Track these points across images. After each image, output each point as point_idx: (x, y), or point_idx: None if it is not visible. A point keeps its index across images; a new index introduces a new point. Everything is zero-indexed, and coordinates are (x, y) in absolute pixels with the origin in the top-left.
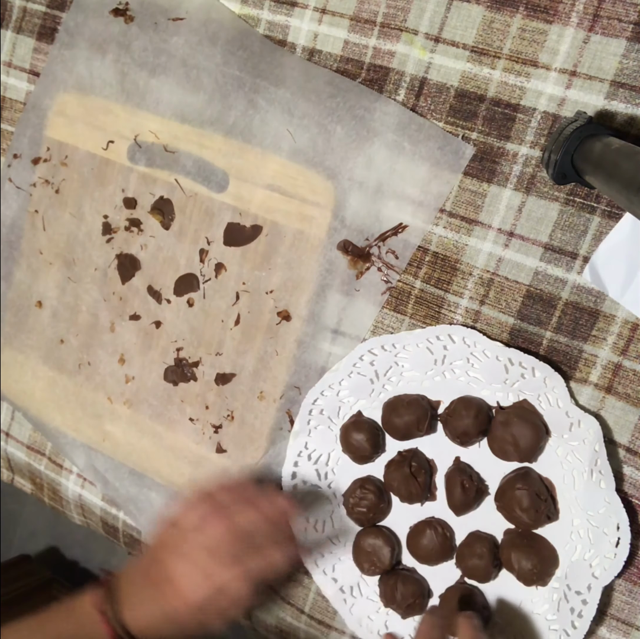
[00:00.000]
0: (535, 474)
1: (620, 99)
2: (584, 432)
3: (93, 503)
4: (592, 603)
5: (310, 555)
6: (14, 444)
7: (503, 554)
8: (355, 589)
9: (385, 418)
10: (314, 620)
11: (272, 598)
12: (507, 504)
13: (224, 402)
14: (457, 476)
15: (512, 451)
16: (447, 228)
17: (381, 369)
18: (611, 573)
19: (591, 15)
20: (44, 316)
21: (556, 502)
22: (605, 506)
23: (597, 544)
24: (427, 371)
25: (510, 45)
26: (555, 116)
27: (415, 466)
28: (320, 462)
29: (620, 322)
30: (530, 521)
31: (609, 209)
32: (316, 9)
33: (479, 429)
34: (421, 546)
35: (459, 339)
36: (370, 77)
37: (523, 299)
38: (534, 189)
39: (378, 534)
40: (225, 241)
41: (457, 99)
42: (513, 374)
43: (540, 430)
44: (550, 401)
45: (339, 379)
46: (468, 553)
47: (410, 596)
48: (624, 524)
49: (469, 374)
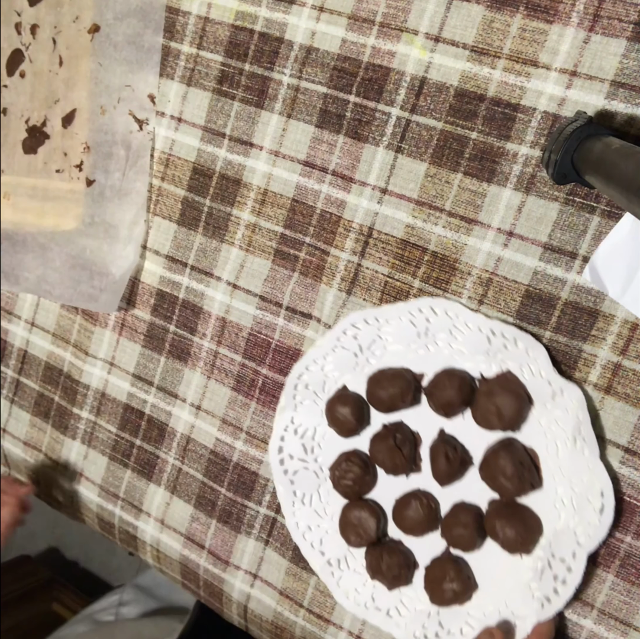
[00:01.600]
0: (519, 444)
1: (620, 99)
2: (567, 401)
3: (89, 499)
4: (576, 570)
5: (297, 529)
6: (10, 439)
7: (487, 523)
8: (343, 563)
9: (370, 391)
10: (312, 614)
11: (270, 593)
12: (491, 473)
13: (76, 140)
14: (441, 447)
15: (496, 420)
16: (447, 227)
17: (365, 343)
18: (595, 540)
19: (591, 15)
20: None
21: (540, 471)
22: (588, 473)
23: (581, 511)
24: (410, 344)
25: (510, 45)
26: (555, 116)
27: (399, 437)
28: (307, 436)
29: (620, 322)
30: (514, 489)
31: (609, 209)
32: (314, 7)
33: (462, 400)
34: (406, 518)
35: (441, 312)
36: (369, 77)
37: (522, 298)
38: (533, 188)
39: (364, 506)
40: (30, 3)
41: (457, 98)
42: (495, 345)
43: (523, 400)
44: (533, 371)
45: (323, 354)
46: (453, 523)
47: (396, 567)
48: (608, 490)
49: (452, 346)
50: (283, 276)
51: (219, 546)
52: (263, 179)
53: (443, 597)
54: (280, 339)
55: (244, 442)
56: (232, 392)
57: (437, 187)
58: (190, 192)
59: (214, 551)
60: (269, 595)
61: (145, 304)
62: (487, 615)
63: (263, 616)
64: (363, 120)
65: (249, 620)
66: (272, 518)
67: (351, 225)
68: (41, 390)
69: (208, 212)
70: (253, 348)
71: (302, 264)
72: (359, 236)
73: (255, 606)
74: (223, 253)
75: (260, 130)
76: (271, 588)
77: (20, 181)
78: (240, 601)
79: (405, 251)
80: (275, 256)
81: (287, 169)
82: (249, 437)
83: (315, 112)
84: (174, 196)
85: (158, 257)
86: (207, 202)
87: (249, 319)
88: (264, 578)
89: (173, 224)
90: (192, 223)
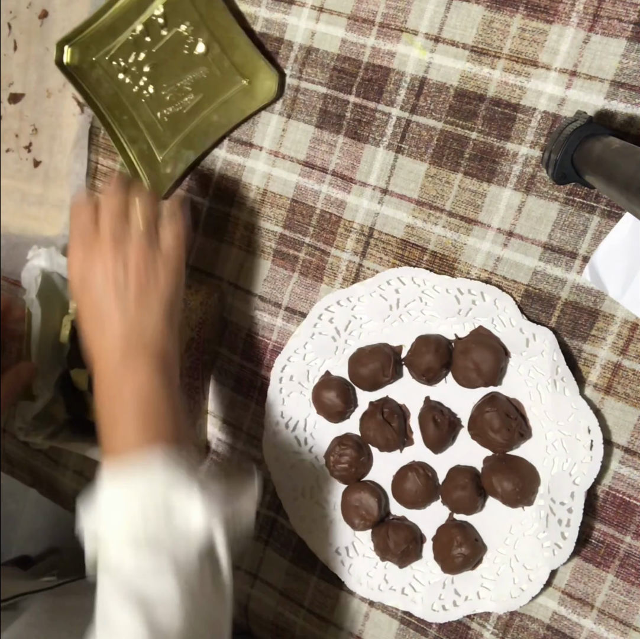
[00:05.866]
0: (502, 396)
1: (620, 99)
2: (540, 344)
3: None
4: (577, 509)
5: (302, 524)
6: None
7: (485, 482)
8: (351, 549)
9: (352, 371)
10: (313, 614)
11: (270, 593)
12: (479, 429)
13: (26, 122)
14: (428, 414)
15: (476, 376)
16: (446, 227)
17: (341, 325)
18: (591, 476)
19: (591, 15)
20: None
21: (527, 420)
22: (573, 412)
23: (573, 452)
24: (384, 319)
25: (510, 45)
26: (555, 116)
27: (387, 411)
28: (298, 428)
29: (620, 322)
30: (505, 441)
31: (609, 208)
32: (313, 7)
33: (441, 363)
34: (406, 491)
35: (408, 280)
36: (368, 77)
37: (522, 298)
38: (533, 188)
39: (363, 487)
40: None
41: (457, 98)
42: (464, 303)
43: (499, 351)
44: (504, 321)
45: (302, 342)
46: (451, 487)
47: (403, 541)
48: (594, 425)
49: (424, 313)
50: (283, 276)
51: None
52: (263, 179)
53: (454, 564)
54: (277, 339)
55: (244, 443)
56: (232, 392)
57: (437, 187)
58: (189, 193)
59: None
60: (269, 595)
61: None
62: (501, 574)
63: (263, 616)
64: (363, 120)
65: (250, 620)
66: (272, 518)
67: (352, 225)
68: None
69: (207, 212)
70: (250, 349)
71: (302, 265)
72: (360, 236)
73: (255, 606)
74: (222, 253)
75: (260, 131)
76: (271, 588)
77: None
78: (241, 601)
79: (405, 251)
80: (275, 256)
81: (286, 169)
82: (249, 437)
83: (315, 113)
84: (174, 196)
85: None
86: (206, 202)
87: (248, 320)
88: (264, 578)
89: None
90: (191, 224)
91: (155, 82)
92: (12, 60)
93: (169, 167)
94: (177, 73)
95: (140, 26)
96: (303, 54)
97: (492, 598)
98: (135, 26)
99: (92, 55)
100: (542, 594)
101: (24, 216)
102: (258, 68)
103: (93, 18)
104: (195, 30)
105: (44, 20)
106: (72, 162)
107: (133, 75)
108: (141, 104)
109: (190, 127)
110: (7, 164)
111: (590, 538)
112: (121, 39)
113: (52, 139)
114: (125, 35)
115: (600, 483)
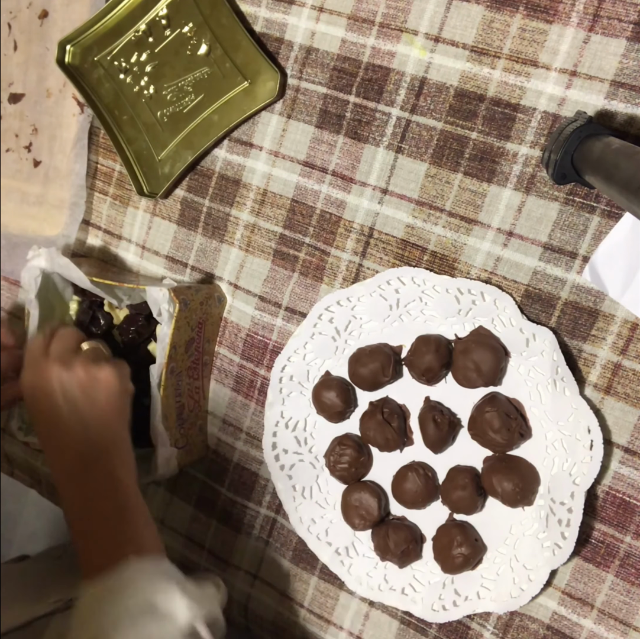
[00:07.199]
0: (502, 396)
1: (620, 99)
2: (540, 344)
3: None
4: (577, 509)
5: (302, 524)
6: (9, 439)
7: (485, 481)
8: (351, 549)
9: (351, 370)
10: (313, 614)
11: (270, 593)
12: (479, 429)
13: (26, 122)
14: (428, 414)
15: (476, 376)
16: (446, 227)
17: (341, 325)
18: (591, 476)
19: (591, 15)
20: None
21: (527, 420)
22: (573, 412)
23: (573, 452)
24: (384, 319)
25: (510, 45)
26: (555, 116)
27: (387, 411)
28: (298, 428)
29: (620, 322)
30: (504, 442)
31: (609, 208)
32: (313, 7)
33: (441, 363)
34: (406, 491)
35: (408, 280)
36: (369, 77)
37: (522, 298)
38: (533, 188)
39: (363, 487)
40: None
41: (456, 98)
42: (464, 303)
43: (499, 351)
44: (504, 321)
45: (302, 342)
46: (451, 487)
47: (403, 542)
48: (594, 425)
49: (424, 313)
50: (283, 276)
51: (219, 546)
52: (263, 179)
53: (454, 564)
54: (277, 339)
55: (244, 443)
56: (232, 392)
57: (437, 187)
58: (189, 193)
59: (214, 551)
60: (269, 595)
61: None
62: (501, 574)
63: (263, 616)
64: (363, 120)
65: (250, 620)
66: (272, 518)
67: (352, 225)
68: None
69: (207, 212)
70: (250, 349)
71: (302, 265)
72: (360, 236)
73: (255, 606)
74: (223, 253)
75: (260, 131)
76: (271, 589)
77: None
78: (241, 601)
79: (405, 251)
80: (275, 256)
81: (286, 169)
82: (249, 437)
83: (315, 113)
84: (174, 196)
85: (158, 258)
86: (206, 202)
87: (248, 320)
88: (264, 578)
89: (173, 225)
90: (191, 223)
91: (157, 82)
92: (12, 60)
93: (167, 166)
94: (179, 73)
95: (144, 27)
96: (303, 54)
97: (492, 598)
98: (138, 27)
99: (94, 55)
100: (542, 594)
101: (24, 216)
102: (261, 69)
103: (96, 18)
104: (198, 31)
105: (44, 20)
106: (72, 162)
107: (134, 76)
108: (141, 104)
109: (190, 127)
110: (7, 164)
111: (590, 538)
112: (124, 40)
113: (52, 139)
114: (128, 35)
115: (600, 482)
